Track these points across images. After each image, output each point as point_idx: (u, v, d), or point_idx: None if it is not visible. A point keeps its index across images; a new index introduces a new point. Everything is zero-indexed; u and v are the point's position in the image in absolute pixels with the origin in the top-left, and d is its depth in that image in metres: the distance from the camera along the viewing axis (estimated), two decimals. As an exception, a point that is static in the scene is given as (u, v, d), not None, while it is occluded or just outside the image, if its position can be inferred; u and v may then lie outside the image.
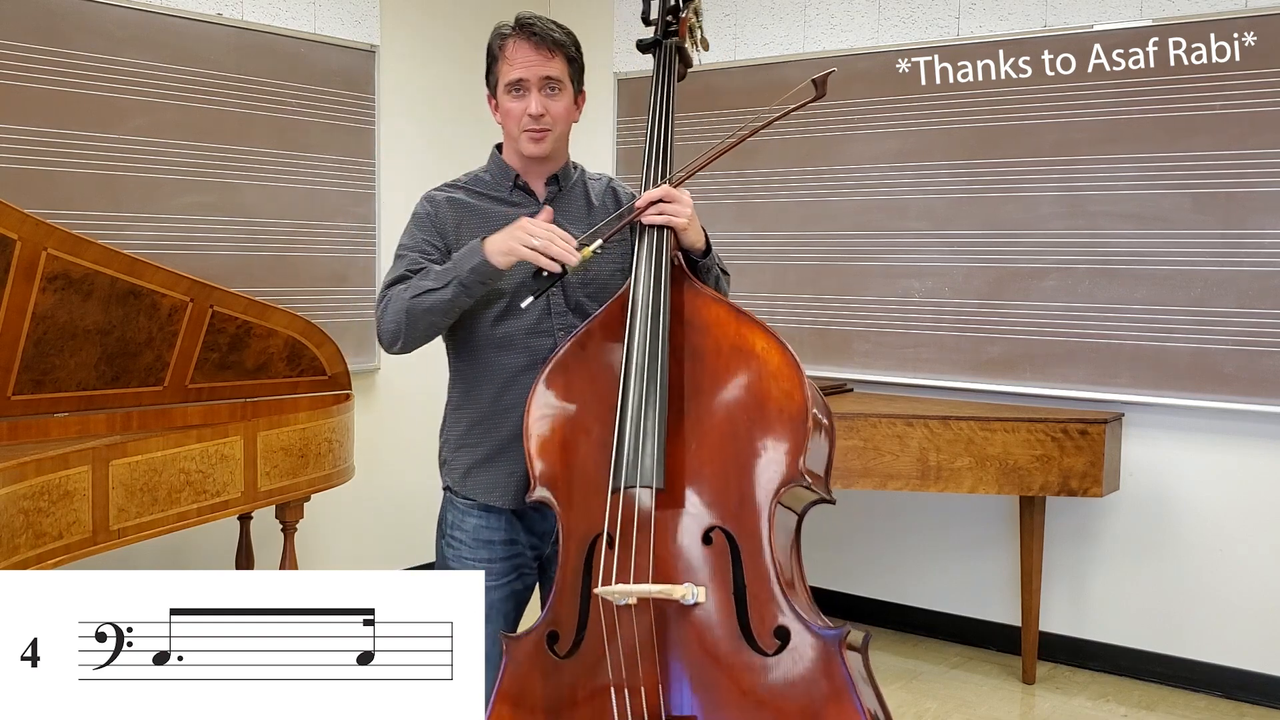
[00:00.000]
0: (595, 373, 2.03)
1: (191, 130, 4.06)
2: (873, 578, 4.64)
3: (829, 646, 1.81)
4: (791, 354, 1.94)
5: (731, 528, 1.89)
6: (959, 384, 4.30)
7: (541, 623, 1.99)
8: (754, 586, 1.86)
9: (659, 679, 1.86)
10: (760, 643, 1.84)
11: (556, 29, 2.15)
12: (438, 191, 2.23)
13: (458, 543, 2.22)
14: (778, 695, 1.83)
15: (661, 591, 1.84)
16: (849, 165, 4.51)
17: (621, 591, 1.85)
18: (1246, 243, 3.76)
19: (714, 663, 1.86)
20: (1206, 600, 3.94)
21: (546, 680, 1.96)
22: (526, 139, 2.14)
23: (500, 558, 2.19)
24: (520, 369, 2.13)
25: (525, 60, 2.11)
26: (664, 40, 2.21)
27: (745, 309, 2.01)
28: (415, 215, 2.21)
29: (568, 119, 2.17)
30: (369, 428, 4.62)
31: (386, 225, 4.74)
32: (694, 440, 1.94)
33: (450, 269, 2.05)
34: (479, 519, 2.21)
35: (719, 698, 1.85)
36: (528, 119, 2.12)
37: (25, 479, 2.71)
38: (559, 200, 2.21)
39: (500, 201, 2.20)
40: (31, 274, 2.97)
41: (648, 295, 1.98)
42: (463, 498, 2.22)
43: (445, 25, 4.98)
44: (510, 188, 2.21)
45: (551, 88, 2.12)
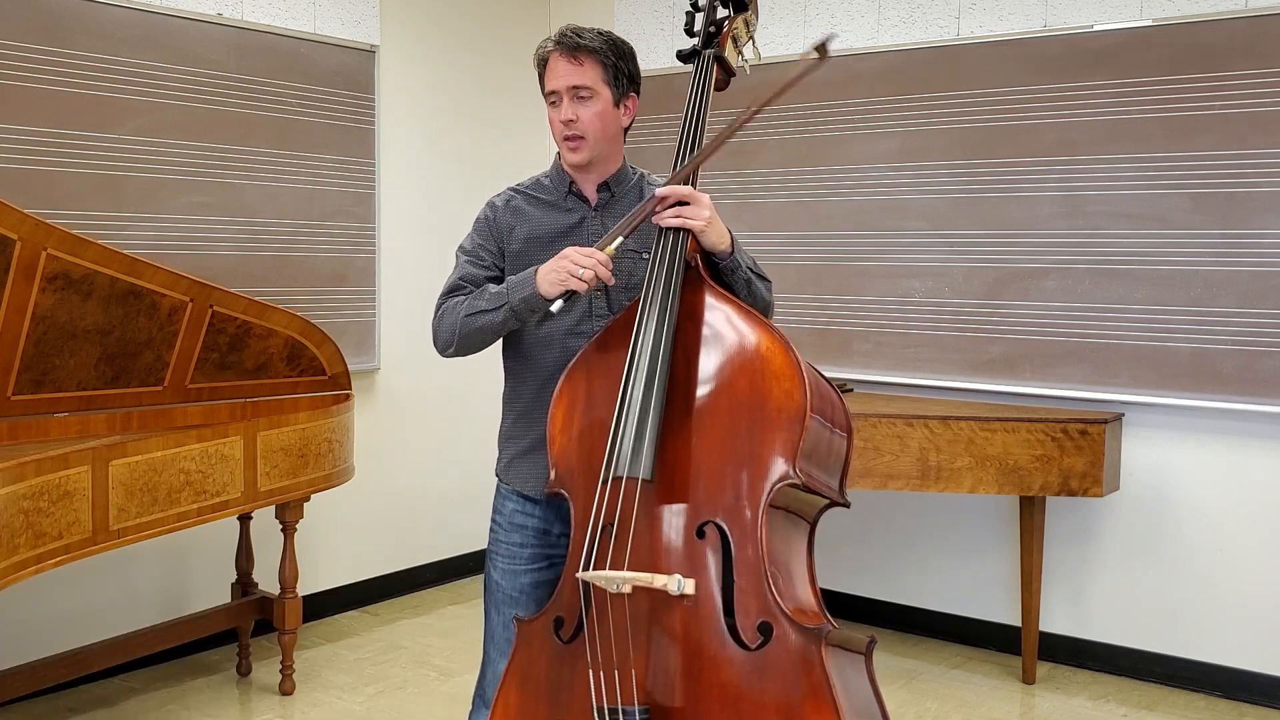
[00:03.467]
0: (610, 368, 2.09)
1: (191, 130, 4.06)
2: (873, 578, 4.64)
3: (809, 644, 1.83)
4: (795, 355, 1.97)
5: (725, 523, 1.93)
6: (959, 384, 4.30)
7: (550, 608, 2.06)
8: (742, 581, 1.89)
9: (644, 668, 1.91)
10: (743, 637, 1.87)
11: (590, 35, 2.20)
12: (498, 197, 2.33)
13: (496, 525, 2.34)
14: (757, 690, 1.85)
15: (642, 580, 1.89)
16: (849, 165, 4.51)
17: (609, 578, 1.90)
18: (1246, 243, 3.77)
19: (697, 654, 1.89)
20: (1206, 600, 3.94)
21: (551, 663, 2.04)
22: (565, 147, 2.23)
23: (532, 543, 2.29)
24: (559, 367, 2.19)
25: (556, 71, 2.19)
26: (703, 50, 2.25)
27: (753, 310, 2.05)
28: (477, 220, 2.33)
29: (604, 124, 2.21)
30: (369, 428, 4.62)
31: (386, 225, 4.74)
32: (694, 435, 1.98)
33: (504, 294, 2.16)
34: (516, 504, 2.32)
35: (700, 689, 1.89)
36: (560, 126, 2.20)
37: (25, 479, 2.71)
38: (610, 206, 2.28)
39: (554, 207, 2.28)
40: (31, 274, 2.97)
41: (656, 292, 2.04)
42: (505, 484, 2.34)
43: (445, 25, 4.98)
44: (565, 194, 2.28)
45: (581, 95, 2.18)
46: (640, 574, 1.90)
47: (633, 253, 2.23)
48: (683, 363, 2.02)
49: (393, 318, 4.78)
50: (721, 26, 2.26)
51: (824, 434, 2.00)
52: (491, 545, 2.35)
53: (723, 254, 2.13)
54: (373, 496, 4.74)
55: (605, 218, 2.27)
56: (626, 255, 2.22)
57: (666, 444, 1.97)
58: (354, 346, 4.57)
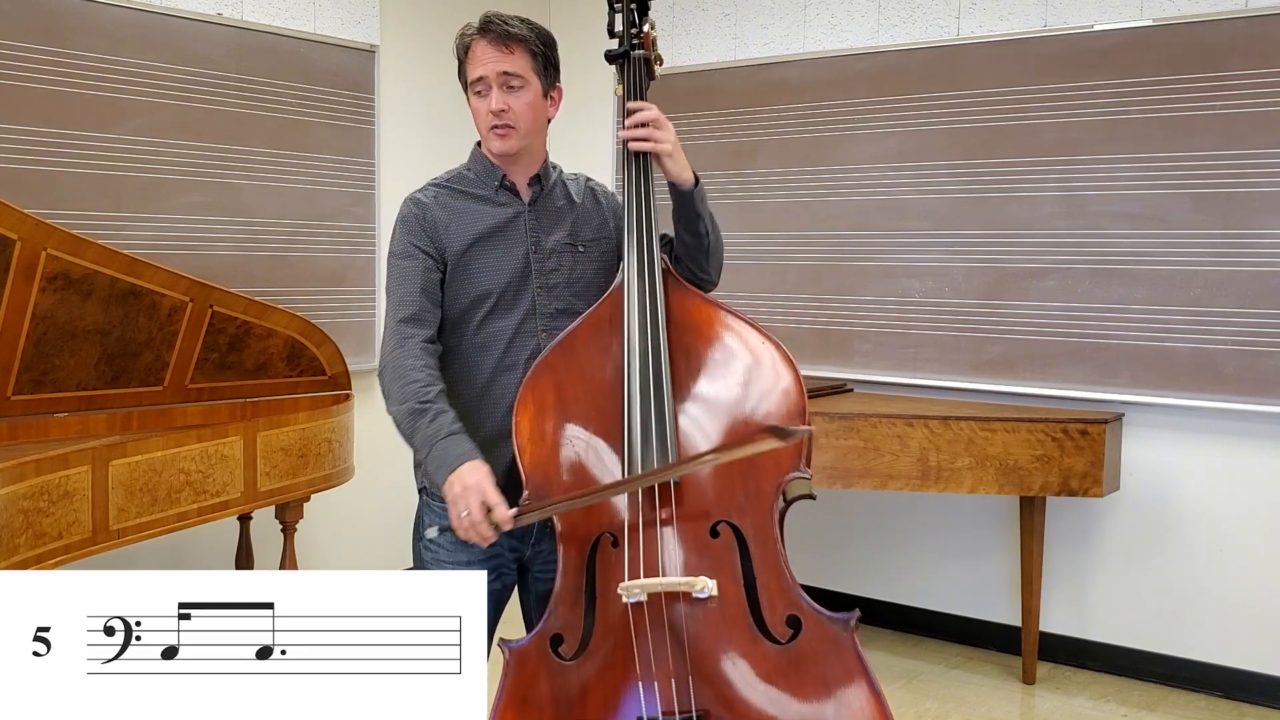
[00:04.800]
0: (587, 376, 2.04)
1: (191, 130, 4.06)
2: (873, 578, 4.64)
3: (840, 632, 1.86)
4: (783, 348, 1.98)
5: (737, 520, 1.93)
6: (959, 384, 4.30)
7: (544, 626, 1.99)
8: (763, 577, 1.90)
9: (676, 674, 1.88)
10: (774, 632, 1.88)
11: (517, 24, 2.12)
12: (422, 193, 2.22)
13: (436, 546, 2.17)
14: (795, 682, 1.86)
15: (683, 584, 1.87)
16: (849, 165, 4.51)
17: (643, 586, 1.87)
18: (1246, 243, 3.77)
19: (729, 654, 1.88)
20: (1206, 600, 3.94)
21: (553, 683, 1.97)
22: (493, 136, 2.13)
23: (479, 560, 2.14)
24: (503, 369, 2.13)
25: (484, 58, 2.11)
26: (631, 53, 2.19)
27: (732, 307, 2.04)
28: (403, 219, 2.19)
29: (534, 115, 2.14)
30: (369, 428, 4.61)
31: (386, 225, 4.73)
32: (696, 437, 1.98)
33: (429, 445, 1.98)
34: None
35: (738, 689, 1.88)
36: (490, 116, 2.12)
37: (25, 479, 2.71)
38: (541, 200, 2.21)
39: (486, 201, 2.19)
40: (31, 274, 2.97)
41: (642, 296, 2.00)
42: (440, 500, 2.15)
43: (445, 25, 4.95)
44: (496, 187, 2.19)
45: (512, 84, 2.11)
46: (679, 578, 1.88)
47: (568, 245, 2.18)
48: (675, 365, 2.00)
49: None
50: (642, 28, 2.21)
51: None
52: (433, 568, 2.19)
53: (685, 183, 2.09)
54: (373, 496, 4.74)
55: (538, 214, 2.18)
56: (563, 249, 2.17)
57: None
58: (354, 346, 4.57)
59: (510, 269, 2.14)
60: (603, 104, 5.02)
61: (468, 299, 2.15)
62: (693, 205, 2.12)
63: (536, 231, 2.17)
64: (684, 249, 2.18)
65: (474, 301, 2.14)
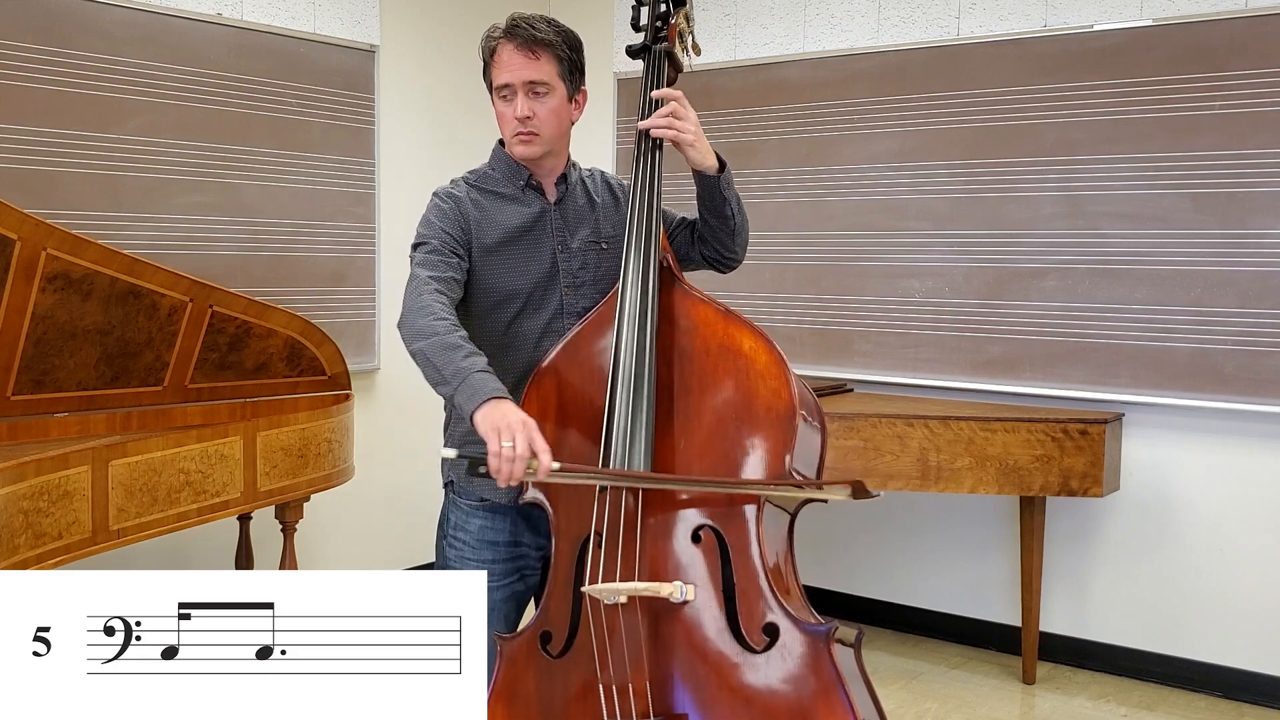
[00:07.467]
0: (586, 373, 2.04)
1: (191, 130, 4.06)
2: (873, 578, 4.64)
3: (817, 643, 1.82)
4: (779, 352, 1.95)
5: (720, 526, 1.91)
6: (959, 384, 4.30)
7: (535, 623, 2.01)
8: (743, 584, 1.88)
9: (650, 678, 1.87)
10: (749, 640, 1.86)
11: (544, 28, 2.11)
12: (454, 187, 2.20)
13: (460, 544, 2.20)
14: (767, 692, 1.84)
15: (649, 589, 1.86)
16: (849, 165, 4.51)
17: (609, 590, 1.86)
18: (1246, 243, 3.77)
19: (704, 661, 1.87)
20: (1206, 600, 3.94)
21: (540, 679, 1.98)
22: (516, 142, 2.14)
23: (504, 559, 2.17)
24: (530, 367, 2.12)
25: (510, 64, 2.09)
26: (653, 46, 2.19)
27: (732, 309, 2.02)
28: (437, 208, 2.16)
29: (559, 120, 2.14)
30: (369, 428, 4.62)
31: (386, 225, 4.74)
32: (683, 439, 1.96)
33: (462, 376, 1.88)
34: (484, 520, 2.19)
35: (710, 696, 1.86)
36: (515, 123, 2.11)
37: (25, 479, 2.70)
38: (566, 199, 2.21)
39: (513, 200, 2.19)
40: (31, 274, 2.97)
41: (635, 294, 1.99)
42: (465, 497, 2.21)
43: (445, 25, 4.98)
44: (522, 186, 2.19)
45: (537, 90, 2.10)
46: (646, 584, 1.87)
47: (593, 243, 2.18)
48: (665, 365, 1.98)
49: (393, 318, 4.74)
50: (669, 20, 2.21)
51: (810, 430, 2.00)
52: (456, 565, 2.19)
53: (710, 170, 2.09)
54: (373, 496, 4.74)
55: (564, 213, 2.19)
56: (588, 248, 2.17)
57: (656, 449, 1.94)
58: (354, 346, 4.57)
59: (538, 269, 2.14)
60: (602, 101, 5.02)
61: (493, 299, 2.15)
62: (718, 190, 2.12)
63: (563, 231, 2.18)
64: (709, 230, 2.19)
65: (500, 301, 2.15)
